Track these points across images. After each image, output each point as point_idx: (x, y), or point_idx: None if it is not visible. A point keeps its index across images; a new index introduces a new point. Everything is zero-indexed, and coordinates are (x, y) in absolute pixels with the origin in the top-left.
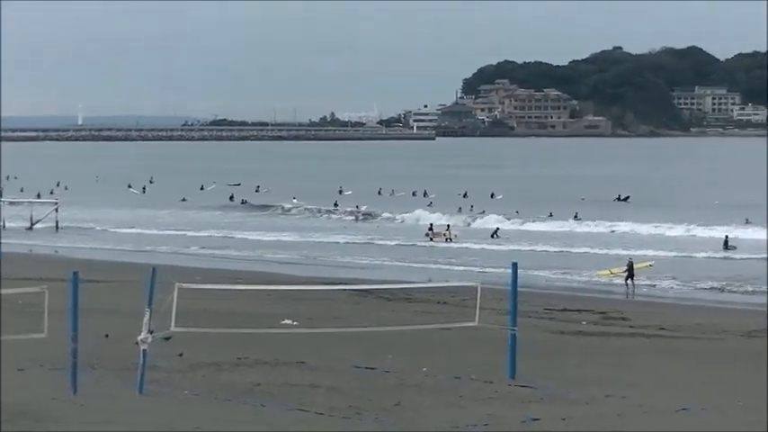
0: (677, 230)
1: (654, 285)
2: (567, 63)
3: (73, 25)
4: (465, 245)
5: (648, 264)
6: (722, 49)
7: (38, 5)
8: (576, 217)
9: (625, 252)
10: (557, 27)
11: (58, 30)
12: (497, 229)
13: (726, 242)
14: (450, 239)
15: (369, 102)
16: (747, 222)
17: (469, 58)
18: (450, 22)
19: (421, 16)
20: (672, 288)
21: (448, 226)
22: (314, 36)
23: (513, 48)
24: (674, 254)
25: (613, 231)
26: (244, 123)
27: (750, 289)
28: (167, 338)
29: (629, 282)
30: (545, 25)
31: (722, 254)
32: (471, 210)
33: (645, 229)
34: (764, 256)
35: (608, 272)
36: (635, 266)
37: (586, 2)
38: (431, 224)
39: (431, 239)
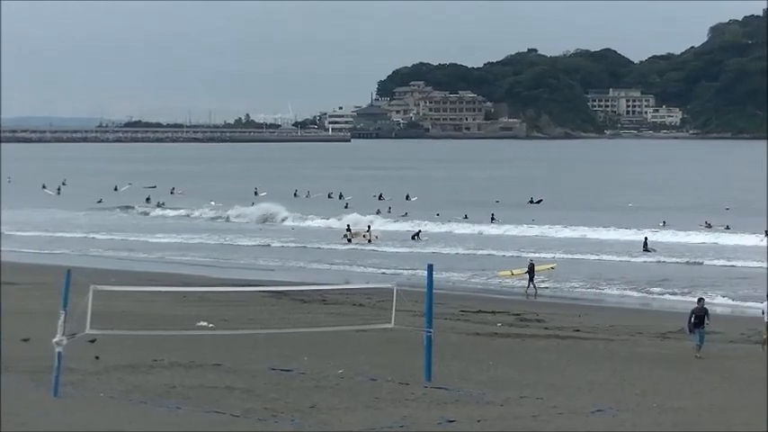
0: (592, 233)
1: (577, 288)
2: (482, 65)
3: None
4: (385, 247)
5: (551, 266)
6: (636, 52)
7: None
8: (492, 219)
9: (537, 255)
10: (472, 29)
11: None
12: (419, 231)
13: (645, 244)
14: (371, 240)
15: (284, 103)
16: (664, 225)
17: (385, 60)
18: (366, 23)
19: (335, 16)
20: (589, 290)
21: (368, 227)
22: (227, 36)
23: (429, 50)
24: (591, 257)
25: (534, 234)
26: (159, 125)
27: (665, 291)
28: (92, 341)
29: (530, 283)
30: (460, 27)
31: (640, 257)
32: (389, 212)
33: (557, 231)
34: (682, 260)
35: (509, 272)
36: (537, 268)
37: (501, 2)
38: (348, 225)
39: (348, 240)
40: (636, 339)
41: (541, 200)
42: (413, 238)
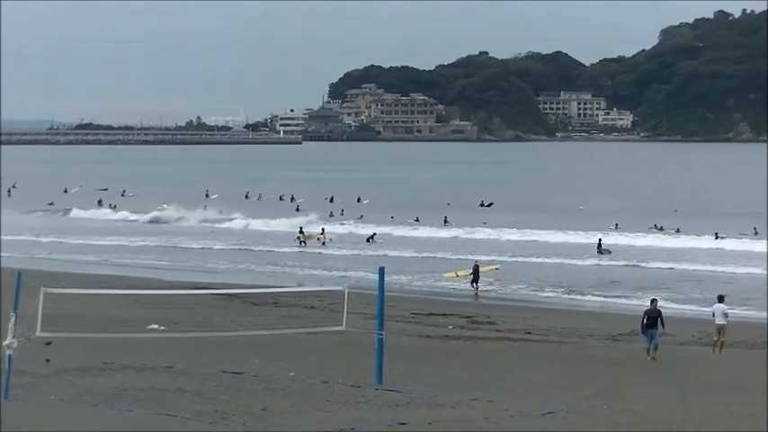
0: (542, 235)
1: (525, 290)
2: (433, 68)
3: None
4: (339, 250)
5: (495, 267)
6: (587, 55)
7: None
8: (445, 222)
9: (488, 257)
10: (423, 31)
11: None
12: (374, 234)
13: (599, 246)
14: (324, 243)
15: (235, 106)
16: (617, 227)
17: (336, 63)
18: (319, 25)
19: (291, 19)
20: (539, 292)
21: (323, 230)
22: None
23: (380, 52)
24: (541, 259)
25: (485, 236)
26: (110, 127)
27: (616, 293)
28: (48, 343)
29: (474, 284)
30: (411, 30)
31: (589, 259)
32: (342, 214)
33: (508, 234)
34: (633, 262)
35: (454, 274)
36: (481, 269)
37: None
38: (300, 228)
39: (302, 243)
40: (586, 342)
41: (492, 203)
42: (368, 240)
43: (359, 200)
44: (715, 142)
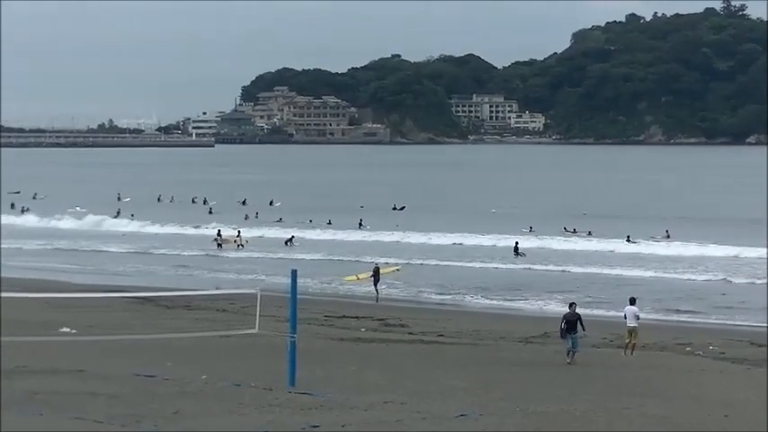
0: (455, 238)
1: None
2: (346, 70)
3: None
4: (256, 253)
5: (395, 268)
6: (500, 58)
7: None
8: (360, 225)
9: (399, 260)
10: (335, 34)
11: None
12: (292, 237)
13: (516, 248)
14: (242, 246)
15: (147, 109)
16: (531, 230)
17: (249, 65)
18: (230, 26)
19: (199, 20)
20: (452, 295)
21: (239, 232)
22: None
23: (292, 55)
24: (455, 263)
25: (398, 239)
26: (21, 130)
27: (528, 296)
28: None
29: (376, 287)
30: (324, 32)
31: (502, 263)
32: (257, 217)
33: (419, 237)
34: (546, 265)
35: (355, 277)
36: (382, 271)
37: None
38: (218, 230)
39: (219, 246)
40: (499, 344)
41: (404, 206)
42: (286, 243)
43: (271, 203)
44: (627, 145)
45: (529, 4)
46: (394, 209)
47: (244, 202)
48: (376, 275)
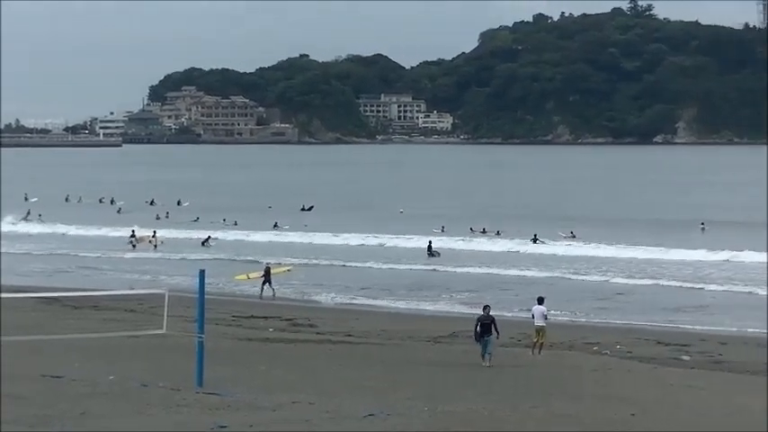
0: (362, 239)
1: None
2: (254, 70)
3: None
4: (170, 253)
5: (287, 269)
6: (407, 58)
7: None
8: (275, 226)
9: (310, 261)
10: (242, 33)
11: None
12: (209, 237)
13: (429, 248)
14: (156, 246)
15: (54, 109)
16: (443, 231)
17: (156, 65)
18: (137, 25)
19: (106, 18)
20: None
21: (154, 232)
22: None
23: (200, 55)
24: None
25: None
26: None
27: (438, 296)
28: None
29: (265, 286)
30: (231, 32)
31: (407, 264)
32: (167, 217)
33: (328, 238)
34: (454, 266)
35: (245, 276)
36: (273, 271)
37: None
38: (133, 231)
39: (134, 246)
40: (407, 344)
41: (312, 206)
42: (203, 244)
43: (179, 203)
44: (534, 144)
45: (437, 4)
46: (302, 209)
47: (152, 203)
48: (267, 275)
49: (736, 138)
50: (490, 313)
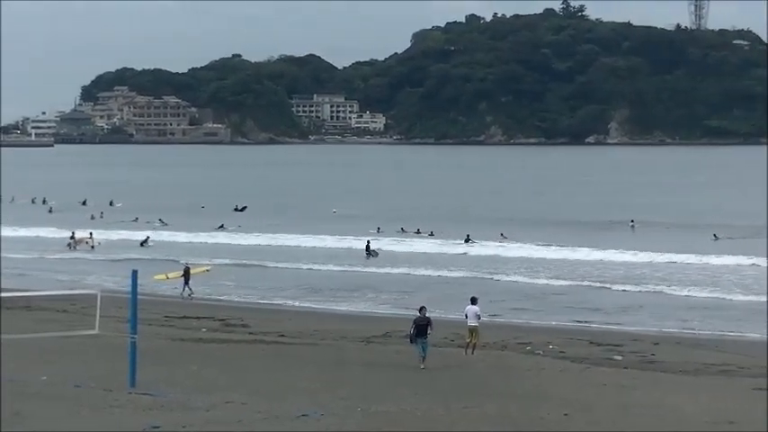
0: (295, 239)
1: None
2: (186, 70)
3: None
4: (107, 254)
5: (205, 269)
6: (340, 58)
7: None
8: (221, 227)
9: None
10: (173, 33)
11: None
12: (148, 237)
13: (368, 248)
14: (93, 247)
15: None
16: (379, 231)
17: (88, 65)
18: (68, 25)
19: (38, 17)
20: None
21: (90, 233)
22: None
23: (132, 54)
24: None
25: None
26: None
27: (370, 297)
28: None
29: (186, 286)
30: (162, 32)
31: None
32: (102, 216)
33: (260, 238)
34: (390, 267)
35: (164, 276)
36: (192, 271)
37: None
38: (73, 232)
39: (73, 247)
40: (340, 344)
41: (246, 207)
42: (142, 244)
43: (111, 203)
44: (467, 145)
45: (369, 4)
46: (236, 209)
47: (84, 203)
48: (186, 275)
49: (669, 138)
50: (426, 314)
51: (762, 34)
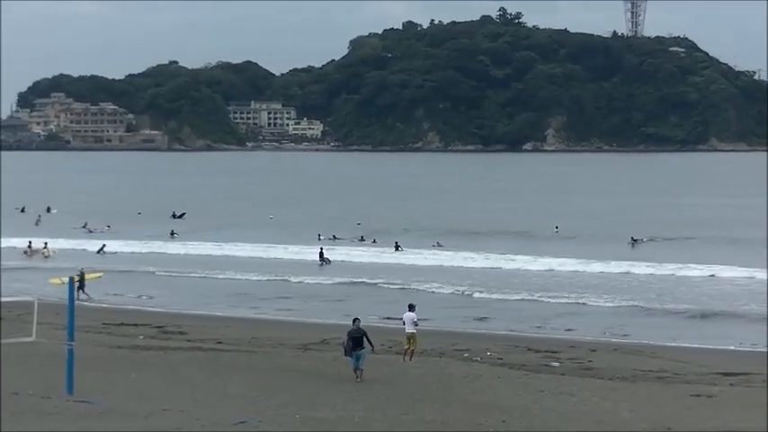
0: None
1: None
2: (123, 77)
3: None
4: (62, 263)
5: (98, 275)
6: (277, 65)
7: None
8: (172, 234)
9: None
10: (112, 40)
11: None
12: (104, 245)
13: (321, 255)
14: (48, 256)
15: None
16: (320, 239)
17: (24, 71)
18: (5, 32)
19: None
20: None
21: (45, 243)
22: None
23: (69, 61)
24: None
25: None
26: None
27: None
28: None
29: (80, 291)
30: (100, 38)
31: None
32: (37, 224)
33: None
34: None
35: (59, 281)
36: (87, 277)
37: (143, 12)
38: (30, 242)
39: (29, 256)
40: (278, 351)
41: (184, 213)
42: (98, 252)
43: (48, 209)
44: (405, 152)
45: (307, 11)
46: (173, 216)
47: (22, 210)
48: (81, 280)
49: (606, 145)
50: (360, 326)
51: (697, 41)
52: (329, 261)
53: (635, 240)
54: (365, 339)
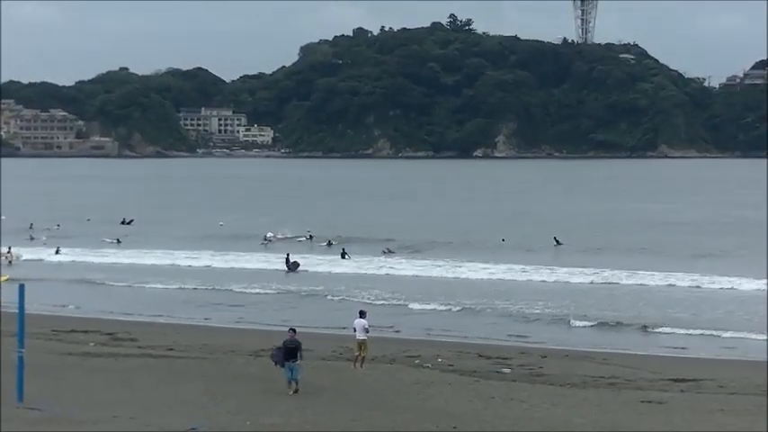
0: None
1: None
2: (73, 83)
3: None
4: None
5: (5, 278)
6: (228, 71)
7: None
8: (118, 241)
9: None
10: (61, 46)
11: None
12: (58, 248)
13: (287, 261)
14: (11, 262)
15: None
16: (266, 241)
17: None
18: None
19: None
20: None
21: (9, 248)
22: None
23: (18, 67)
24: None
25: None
26: None
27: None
28: None
29: None
30: (49, 45)
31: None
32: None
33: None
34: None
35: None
36: None
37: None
38: None
39: None
40: (229, 358)
41: (133, 220)
42: (56, 253)
43: None
44: (356, 158)
45: (257, 18)
46: (123, 222)
47: None
48: None
49: (556, 152)
50: (296, 337)
51: (647, 47)
52: (297, 266)
53: (559, 243)
54: (298, 352)
